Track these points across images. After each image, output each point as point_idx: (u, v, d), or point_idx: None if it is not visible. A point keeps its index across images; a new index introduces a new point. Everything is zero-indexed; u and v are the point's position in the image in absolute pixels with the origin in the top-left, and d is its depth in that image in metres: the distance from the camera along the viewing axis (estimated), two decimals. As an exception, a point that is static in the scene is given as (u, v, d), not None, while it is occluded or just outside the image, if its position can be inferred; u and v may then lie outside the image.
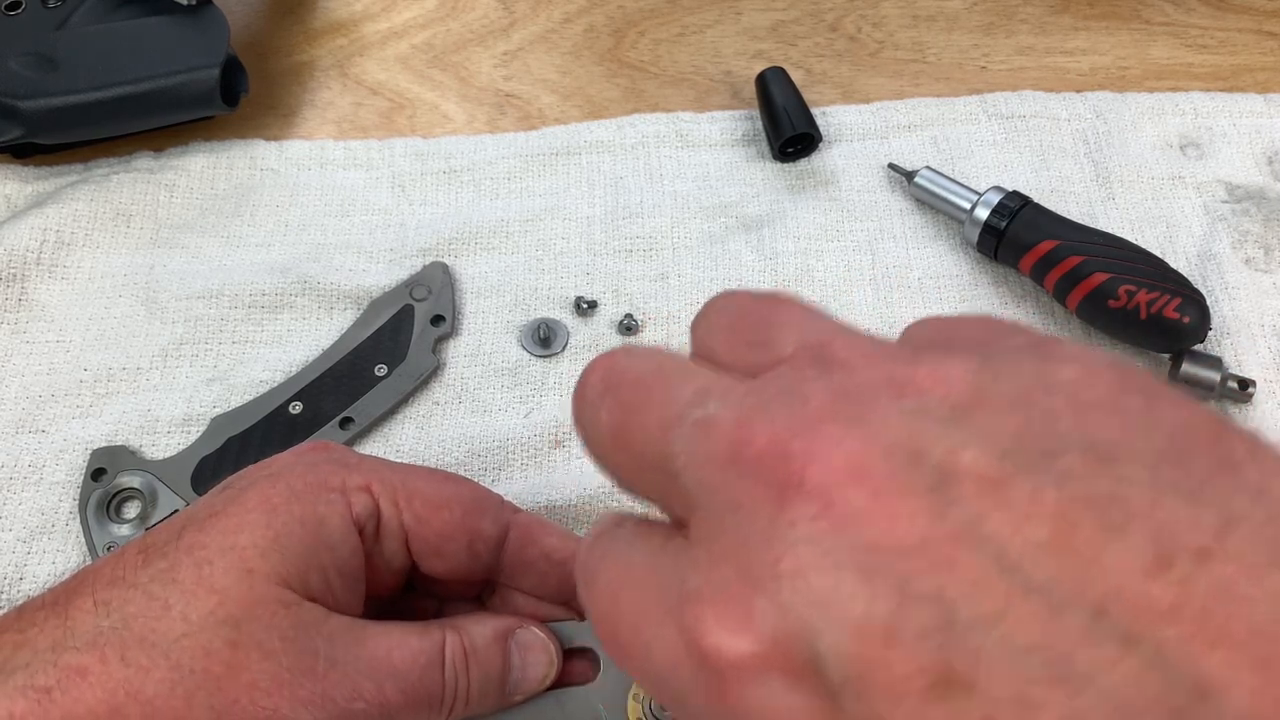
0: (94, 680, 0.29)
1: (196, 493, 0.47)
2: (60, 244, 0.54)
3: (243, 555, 0.32)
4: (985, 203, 0.53)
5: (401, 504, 0.35)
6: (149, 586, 0.31)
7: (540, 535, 0.38)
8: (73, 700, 0.29)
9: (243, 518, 0.33)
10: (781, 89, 0.58)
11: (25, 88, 0.54)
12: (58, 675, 0.29)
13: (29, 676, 0.29)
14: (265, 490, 0.34)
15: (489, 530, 0.36)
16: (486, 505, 0.37)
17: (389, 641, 0.33)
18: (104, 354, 0.52)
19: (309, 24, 0.65)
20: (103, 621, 0.30)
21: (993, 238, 0.52)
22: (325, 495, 0.34)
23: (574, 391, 0.25)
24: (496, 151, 0.59)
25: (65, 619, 0.31)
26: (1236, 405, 0.50)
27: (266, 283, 0.54)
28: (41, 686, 0.29)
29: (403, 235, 0.56)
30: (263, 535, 0.32)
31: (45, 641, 0.30)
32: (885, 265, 0.55)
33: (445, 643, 0.34)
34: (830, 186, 0.57)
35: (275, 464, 0.36)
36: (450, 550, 0.36)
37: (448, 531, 0.36)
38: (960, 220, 0.54)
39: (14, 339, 0.52)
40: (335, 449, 0.38)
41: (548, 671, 0.36)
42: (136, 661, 0.30)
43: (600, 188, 0.58)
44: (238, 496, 0.34)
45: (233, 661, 0.30)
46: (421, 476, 0.37)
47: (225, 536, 0.32)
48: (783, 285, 0.54)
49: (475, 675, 0.35)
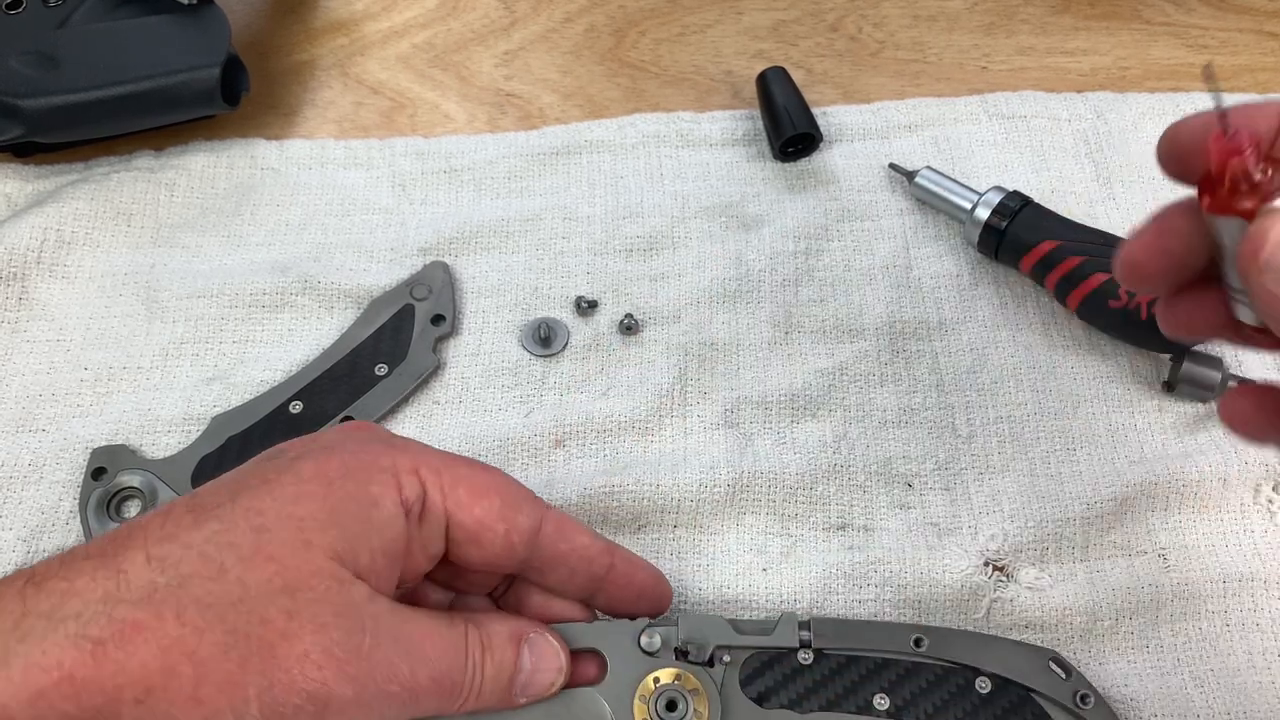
0: (149, 636, 0.29)
1: None
2: (61, 243, 0.54)
3: (301, 526, 0.32)
4: (986, 203, 0.53)
5: (446, 490, 0.35)
6: (203, 547, 0.31)
7: (572, 532, 0.38)
8: (126, 655, 0.29)
9: (300, 488, 0.33)
10: (782, 89, 0.58)
11: (26, 86, 0.54)
12: (112, 628, 0.29)
13: (81, 626, 0.29)
14: (321, 462, 0.34)
15: (525, 523, 0.37)
16: (523, 498, 0.37)
17: (423, 628, 0.34)
18: (104, 353, 0.52)
19: (310, 23, 0.65)
20: (158, 578, 0.30)
21: (993, 238, 0.52)
22: (378, 475, 0.34)
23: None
24: (497, 151, 0.59)
25: (117, 571, 0.30)
26: (1237, 405, 0.50)
27: (267, 282, 0.54)
28: (94, 638, 0.29)
29: (403, 234, 0.56)
30: (320, 508, 0.32)
31: (96, 592, 0.30)
32: (885, 265, 0.55)
33: (466, 635, 0.35)
34: (830, 186, 0.57)
35: (325, 438, 0.36)
36: (488, 539, 0.36)
37: (488, 520, 0.36)
38: (961, 220, 0.54)
39: (14, 338, 0.52)
40: (378, 429, 0.38)
41: (556, 679, 0.37)
42: (192, 622, 0.30)
43: (601, 187, 0.58)
44: (291, 466, 0.34)
45: (288, 631, 0.30)
46: (464, 464, 0.37)
47: (283, 505, 0.32)
48: (783, 285, 0.54)
49: (489, 671, 0.35)
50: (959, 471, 0.48)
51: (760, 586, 0.45)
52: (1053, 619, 0.44)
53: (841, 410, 0.50)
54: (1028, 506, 0.47)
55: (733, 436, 0.49)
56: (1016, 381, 0.51)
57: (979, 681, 0.39)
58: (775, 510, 0.47)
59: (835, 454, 0.49)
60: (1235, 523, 0.47)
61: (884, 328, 0.53)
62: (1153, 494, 0.47)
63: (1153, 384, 0.51)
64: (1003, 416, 0.50)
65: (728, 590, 0.45)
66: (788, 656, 0.39)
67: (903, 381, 0.51)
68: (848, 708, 0.38)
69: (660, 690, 0.37)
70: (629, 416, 0.50)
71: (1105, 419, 0.50)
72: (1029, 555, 0.46)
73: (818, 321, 0.53)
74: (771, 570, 0.46)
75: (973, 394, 0.51)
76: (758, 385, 0.51)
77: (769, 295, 0.54)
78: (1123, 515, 0.47)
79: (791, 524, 0.47)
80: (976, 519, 0.47)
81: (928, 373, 0.51)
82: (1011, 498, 0.47)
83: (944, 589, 0.45)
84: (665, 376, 0.51)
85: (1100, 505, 0.46)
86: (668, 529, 0.47)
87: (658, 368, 0.52)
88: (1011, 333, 0.52)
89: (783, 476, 0.48)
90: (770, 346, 0.52)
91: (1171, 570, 0.46)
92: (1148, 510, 0.47)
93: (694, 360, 0.52)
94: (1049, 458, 0.49)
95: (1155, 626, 0.44)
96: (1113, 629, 0.44)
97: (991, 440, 0.49)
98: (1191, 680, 0.43)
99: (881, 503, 0.48)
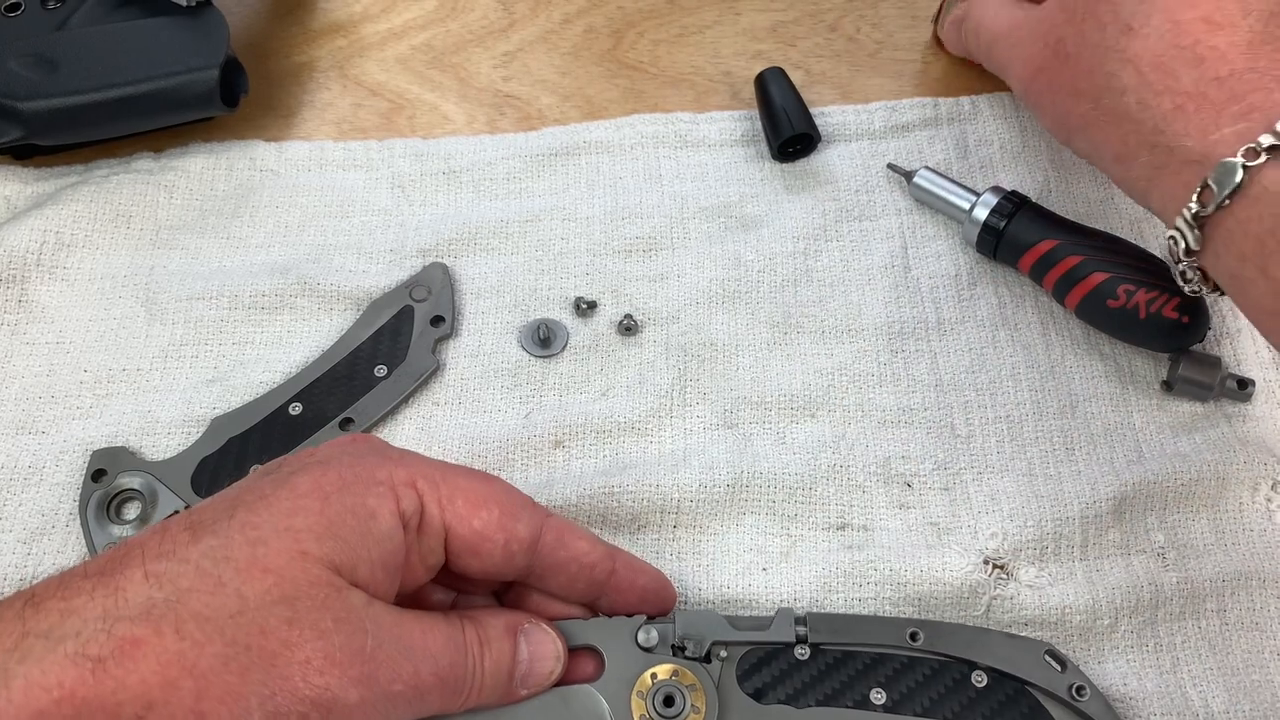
0: (148, 652, 0.29)
1: (196, 493, 0.47)
2: (60, 245, 0.54)
3: (297, 538, 0.32)
4: (984, 202, 0.53)
5: (444, 502, 0.36)
6: (200, 562, 0.31)
7: (571, 539, 0.38)
8: (126, 671, 0.29)
9: (296, 502, 0.33)
10: (780, 89, 0.59)
11: (25, 89, 0.54)
12: (111, 645, 0.29)
13: (80, 645, 0.29)
14: (317, 477, 0.34)
15: (524, 532, 0.37)
16: (522, 506, 0.37)
17: (422, 627, 0.34)
18: (104, 355, 0.52)
19: (308, 25, 0.65)
20: (155, 594, 0.30)
21: (992, 237, 0.52)
22: (374, 488, 0.34)
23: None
24: (496, 152, 0.59)
25: (115, 589, 0.30)
26: (1235, 404, 0.50)
27: (266, 284, 0.54)
28: (94, 656, 0.29)
29: (402, 236, 0.56)
30: (317, 520, 0.33)
31: (95, 610, 0.30)
32: (884, 265, 0.55)
33: (464, 630, 0.35)
34: (829, 186, 0.58)
35: (321, 453, 0.36)
36: (486, 550, 0.36)
37: (487, 531, 0.36)
38: (959, 220, 0.54)
39: (14, 340, 0.52)
40: (376, 441, 0.38)
41: (554, 667, 0.37)
42: (191, 635, 0.30)
43: (600, 188, 0.58)
44: (288, 480, 0.34)
45: (288, 639, 0.31)
46: (461, 474, 0.37)
47: (279, 519, 0.32)
48: (782, 285, 0.54)
49: (489, 665, 0.35)
50: (958, 471, 0.49)
51: (760, 586, 0.45)
52: (1052, 617, 0.44)
53: (841, 410, 0.50)
54: (1027, 506, 0.47)
55: (732, 437, 0.50)
56: (1015, 381, 0.51)
57: (975, 675, 0.39)
58: (775, 510, 0.48)
59: (834, 454, 0.49)
60: (1233, 521, 0.47)
61: (882, 327, 0.53)
62: (1151, 493, 0.47)
63: (1151, 383, 0.51)
64: (1001, 416, 0.50)
65: (728, 590, 0.45)
66: (784, 652, 0.39)
67: (901, 381, 0.51)
68: (844, 702, 0.38)
69: (657, 686, 0.37)
70: (628, 417, 0.50)
71: (1104, 418, 0.50)
72: (1029, 554, 0.46)
73: (816, 322, 0.53)
74: (772, 570, 0.46)
75: (971, 393, 0.51)
76: (756, 385, 0.51)
77: (768, 295, 0.54)
78: (1121, 514, 0.47)
79: (791, 524, 0.47)
80: (976, 518, 0.47)
81: (926, 372, 0.51)
82: (1010, 497, 0.48)
83: (944, 587, 0.45)
84: (665, 377, 0.51)
85: (1099, 504, 0.47)
86: (667, 529, 0.47)
87: (657, 368, 0.52)
88: (1010, 332, 0.52)
89: (782, 477, 0.48)
90: (769, 347, 0.52)
91: (1170, 569, 0.46)
92: (1146, 509, 0.47)
93: (693, 360, 0.52)
94: (1047, 457, 0.49)
95: (1154, 625, 0.45)
96: (1111, 627, 0.44)
97: (990, 440, 0.49)
98: (1190, 679, 0.43)
99: (880, 502, 0.48)
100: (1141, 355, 0.51)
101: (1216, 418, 0.50)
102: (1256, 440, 0.49)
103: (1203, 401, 0.50)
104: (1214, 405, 0.50)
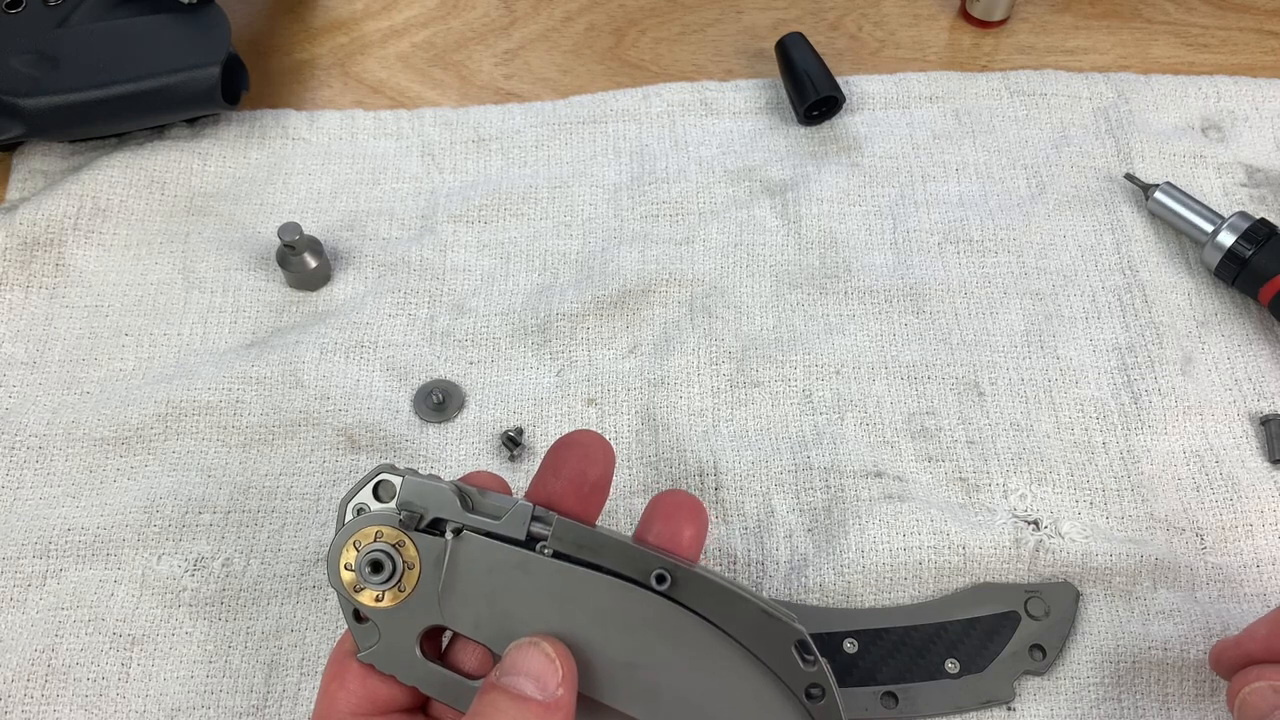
0: None
1: None
2: (96, 210, 0.55)
3: None
4: (1232, 226, 0.52)
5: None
6: None
7: None
8: None
9: None
10: (802, 54, 0.59)
11: (26, 86, 0.54)
12: None
13: None
14: None
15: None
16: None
17: None
18: (143, 319, 0.53)
19: (310, 22, 0.65)
20: None
21: (1235, 265, 0.51)
22: None
23: None
24: (524, 120, 0.60)
25: None
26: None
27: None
28: None
29: (433, 202, 0.57)
30: None
31: None
32: (906, 230, 0.55)
33: None
34: (853, 152, 0.58)
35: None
36: None
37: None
38: (1200, 242, 0.53)
39: (53, 303, 0.53)
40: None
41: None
42: None
43: (626, 155, 0.59)
44: None
45: None
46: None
47: None
48: (807, 247, 0.55)
49: None
50: (983, 428, 0.49)
51: (808, 547, 0.46)
52: (1092, 575, 0.45)
53: (866, 368, 0.51)
54: (1058, 468, 0.48)
55: (759, 396, 0.50)
56: (1029, 342, 0.52)
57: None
58: (811, 464, 0.48)
59: (861, 411, 0.50)
60: (1273, 506, 0.48)
61: (902, 291, 0.53)
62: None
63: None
64: (1024, 379, 0.51)
65: (778, 551, 0.47)
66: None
67: (925, 340, 0.52)
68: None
69: (370, 550, 0.34)
70: (656, 375, 0.51)
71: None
72: (1067, 512, 0.47)
73: (841, 283, 0.54)
74: (817, 530, 0.47)
75: (991, 353, 0.52)
76: (782, 346, 0.52)
77: (793, 258, 0.55)
78: (1157, 490, 0.48)
79: (829, 475, 0.48)
80: (1005, 477, 0.48)
81: (950, 331, 0.52)
82: (1042, 458, 0.48)
83: (986, 535, 0.46)
84: (691, 337, 0.52)
85: (1134, 478, 0.48)
86: (709, 491, 0.48)
87: (683, 329, 0.52)
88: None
89: (813, 435, 0.49)
90: (794, 308, 0.53)
91: (1209, 552, 0.46)
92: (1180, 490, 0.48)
93: (719, 322, 0.52)
94: (1073, 424, 0.50)
95: (1193, 601, 0.45)
96: (1150, 592, 0.45)
97: (1016, 400, 0.50)
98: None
99: (909, 455, 0.49)
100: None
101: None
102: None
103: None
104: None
